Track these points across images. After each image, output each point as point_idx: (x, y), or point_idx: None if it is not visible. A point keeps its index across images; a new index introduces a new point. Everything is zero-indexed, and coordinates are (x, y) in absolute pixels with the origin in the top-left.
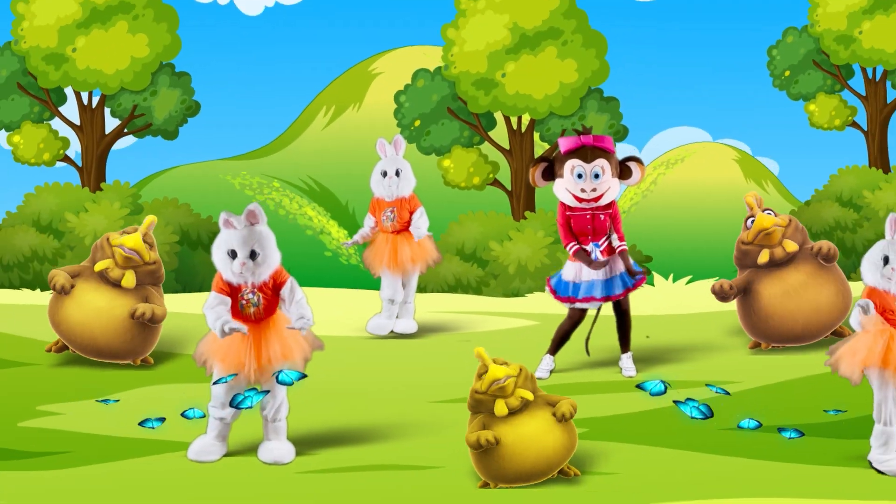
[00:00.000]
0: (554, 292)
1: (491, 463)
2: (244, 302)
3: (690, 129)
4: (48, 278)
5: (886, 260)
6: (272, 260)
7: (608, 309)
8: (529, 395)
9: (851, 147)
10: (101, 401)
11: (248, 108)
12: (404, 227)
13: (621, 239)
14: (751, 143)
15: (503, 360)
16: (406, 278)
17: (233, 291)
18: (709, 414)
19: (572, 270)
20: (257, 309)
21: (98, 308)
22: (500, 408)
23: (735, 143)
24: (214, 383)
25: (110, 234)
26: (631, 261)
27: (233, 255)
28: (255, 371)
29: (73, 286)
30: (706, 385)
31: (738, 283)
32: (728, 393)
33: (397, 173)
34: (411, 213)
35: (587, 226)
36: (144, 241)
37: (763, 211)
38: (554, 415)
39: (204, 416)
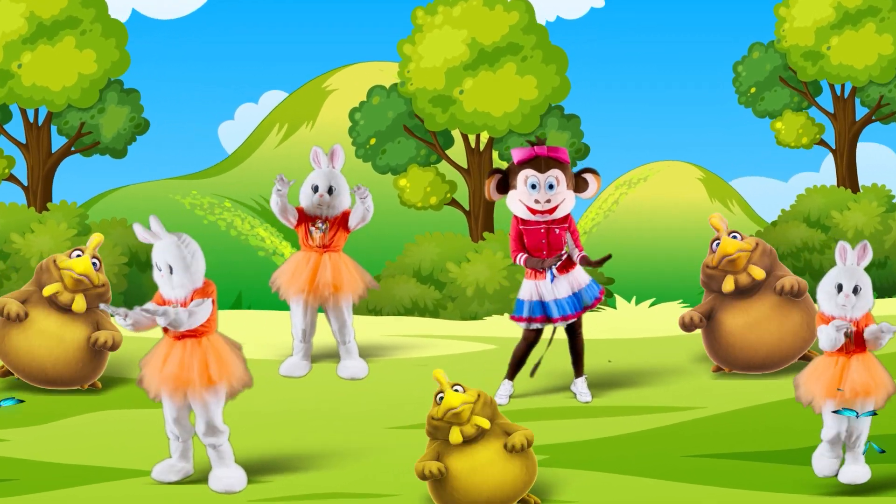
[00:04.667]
0: (513, 316)
1: (444, 493)
2: None
3: (654, 148)
4: None
5: (840, 288)
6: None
7: (561, 332)
8: (486, 424)
9: (819, 166)
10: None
11: (199, 125)
12: (334, 246)
13: (580, 249)
14: (715, 161)
15: (461, 384)
16: (337, 308)
17: None
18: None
19: (528, 290)
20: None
21: (48, 334)
22: (455, 436)
23: (699, 161)
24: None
25: (56, 255)
26: (591, 259)
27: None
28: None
29: (27, 313)
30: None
31: (703, 311)
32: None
33: (330, 191)
34: (347, 231)
35: (541, 240)
36: (92, 262)
37: (729, 234)
38: (505, 446)
39: (15, 404)
